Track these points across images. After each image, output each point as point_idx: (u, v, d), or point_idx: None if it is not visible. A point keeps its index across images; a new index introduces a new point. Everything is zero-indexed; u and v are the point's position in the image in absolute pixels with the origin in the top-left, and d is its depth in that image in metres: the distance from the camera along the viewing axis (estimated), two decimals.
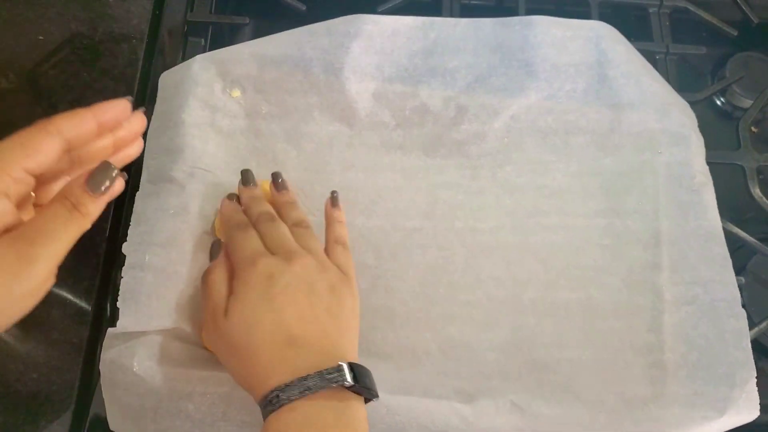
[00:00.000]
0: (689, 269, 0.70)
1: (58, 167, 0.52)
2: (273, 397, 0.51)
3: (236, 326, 0.55)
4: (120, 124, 0.54)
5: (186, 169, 0.70)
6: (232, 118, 0.75)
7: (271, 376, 0.53)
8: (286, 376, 0.52)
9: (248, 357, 0.54)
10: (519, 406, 0.63)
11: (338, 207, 0.69)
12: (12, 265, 0.45)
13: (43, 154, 0.48)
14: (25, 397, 0.62)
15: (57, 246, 0.47)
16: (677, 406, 0.64)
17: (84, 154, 0.53)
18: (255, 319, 0.55)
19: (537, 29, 0.78)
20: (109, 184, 0.49)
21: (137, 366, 0.60)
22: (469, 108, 0.77)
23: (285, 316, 0.56)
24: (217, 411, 0.60)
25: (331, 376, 0.52)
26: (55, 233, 0.47)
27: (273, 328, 0.55)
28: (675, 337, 0.67)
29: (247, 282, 0.57)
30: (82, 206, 0.48)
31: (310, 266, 0.60)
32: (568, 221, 0.73)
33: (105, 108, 0.52)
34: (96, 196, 0.49)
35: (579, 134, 0.77)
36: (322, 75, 0.76)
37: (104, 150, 0.54)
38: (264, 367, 0.54)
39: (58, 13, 0.79)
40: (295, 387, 0.51)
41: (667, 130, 0.76)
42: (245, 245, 0.61)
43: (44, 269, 0.46)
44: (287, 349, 0.54)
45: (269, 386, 0.52)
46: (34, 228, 0.47)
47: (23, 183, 0.48)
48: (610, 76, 0.77)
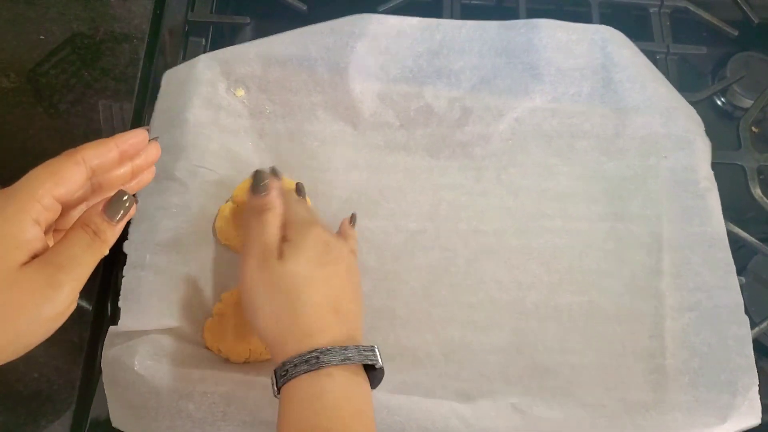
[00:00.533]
0: (692, 275, 0.70)
1: (81, 194, 0.54)
2: (312, 357, 0.53)
3: (291, 272, 0.57)
4: (138, 152, 0.56)
5: (189, 167, 0.70)
6: (236, 118, 0.75)
7: (312, 335, 0.55)
8: (326, 339, 0.55)
9: (293, 307, 0.56)
10: (519, 409, 0.63)
11: (354, 227, 0.70)
12: (42, 291, 0.46)
13: (71, 183, 0.50)
14: (26, 397, 0.62)
15: (81, 271, 0.48)
16: (678, 412, 0.64)
17: (104, 181, 0.55)
18: (311, 274, 0.58)
19: (542, 32, 0.77)
20: (124, 212, 0.51)
21: (138, 365, 0.60)
22: (473, 110, 0.77)
23: (334, 284, 0.59)
24: (218, 410, 0.60)
25: (367, 353, 0.55)
26: (80, 259, 0.48)
27: (324, 290, 0.58)
28: (677, 343, 0.67)
29: (306, 238, 0.60)
30: (101, 233, 0.50)
31: (354, 251, 0.65)
32: (572, 225, 0.73)
33: (126, 138, 0.54)
34: (114, 224, 0.50)
35: (583, 138, 0.77)
36: (327, 75, 0.76)
37: (123, 177, 0.56)
38: (307, 323, 0.56)
39: (60, 13, 0.79)
40: (336, 353, 0.54)
41: (672, 135, 0.76)
42: (298, 210, 0.64)
43: (71, 294, 0.47)
44: (331, 315, 0.57)
45: (309, 345, 0.54)
46: (60, 254, 0.48)
47: (52, 210, 0.49)
48: (616, 80, 0.77)
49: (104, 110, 0.75)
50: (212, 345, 0.65)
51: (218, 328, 0.66)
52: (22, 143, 0.72)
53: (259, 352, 0.65)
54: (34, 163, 0.70)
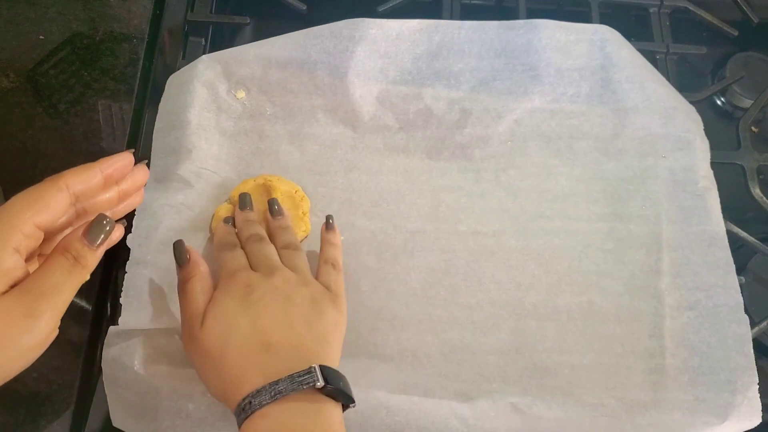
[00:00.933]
0: (692, 274, 0.70)
1: (65, 220, 0.53)
2: (245, 404, 0.52)
3: (211, 333, 0.56)
4: (124, 176, 0.56)
5: (193, 169, 0.70)
6: (237, 120, 0.75)
7: (244, 383, 0.53)
8: (258, 382, 0.53)
9: (222, 365, 0.55)
10: (519, 409, 0.63)
11: (333, 230, 0.69)
12: (20, 321, 0.46)
13: (54, 210, 0.49)
14: (25, 397, 0.62)
15: (61, 299, 0.48)
16: (678, 411, 0.64)
17: (89, 206, 0.54)
18: (230, 324, 0.56)
19: (541, 33, 0.77)
20: (104, 236, 0.50)
21: (138, 364, 0.60)
22: (472, 111, 0.77)
23: (260, 323, 0.56)
24: (217, 410, 0.60)
25: (302, 378, 0.53)
26: (60, 287, 0.48)
27: (247, 334, 0.56)
28: (676, 343, 0.67)
29: (227, 291, 0.59)
30: (81, 258, 0.49)
31: (291, 280, 0.61)
32: (571, 225, 0.73)
33: (111, 162, 0.54)
34: (94, 249, 0.49)
35: (583, 138, 0.77)
36: (327, 78, 0.76)
37: (109, 202, 0.56)
38: (237, 374, 0.54)
39: (59, 13, 0.79)
40: (266, 392, 0.52)
41: (671, 135, 0.76)
42: (231, 263, 0.62)
43: (50, 322, 0.47)
44: (260, 356, 0.55)
45: (242, 393, 0.53)
46: (39, 282, 0.47)
47: (33, 238, 0.49)
48: (615, 80, 0.77)
49: (104, 110, 0.75)
50: None
51: None
52: (21, 143, 0.72)
53: None
54: (34, 163, 0.70)
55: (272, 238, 0.66)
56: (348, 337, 0.64)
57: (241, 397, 0.52)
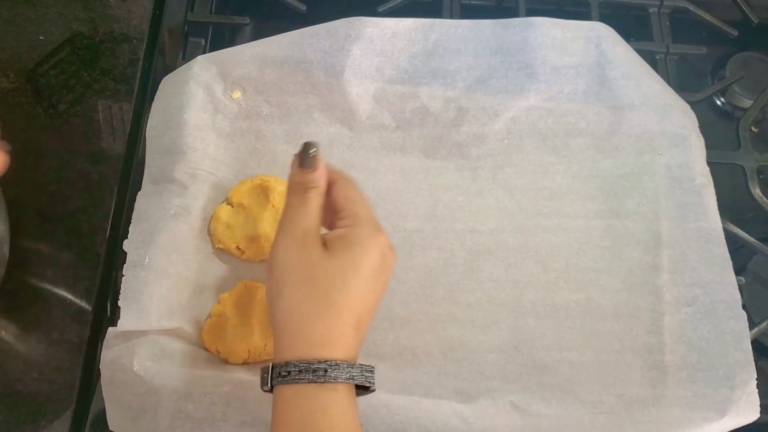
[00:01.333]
0: (689, 271, 0.70)
1: None
2: (320, 369, 0.50)
3: (337, 269, 0.53)
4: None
5: (188, 170, 0.70)
6: (233, 120, 0.75)
7: (326, 345, 0.52)
8: (339, 354, 0.52)
9: (322, 308, 0.52)
10: (519, 407, 0.63)
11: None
12: None
13: None
14: (26, 397, 0.62)
15: None
16: (677, 407, 0.64)
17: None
18: (358, 282, 0.54)
19: (537, 31, 0.77)
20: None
21: (137, 366, 0.60)
22: (469, 110, 0.77)
23: (370, 298, 0.55)
24: (217, 411, 0.60)
25: (369, 375, 0.53)
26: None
27: (359, 302, 0.54)
28: (675, 339, 0.67)
29: (371, 244, 0.55)
30: None
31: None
32: (568, 223, 0.73)
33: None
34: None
35: (579, 136, 0.77)
36: (323, 77, 0.76)
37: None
38: (327, 331, 0.52)
39: (59, 13, 0.79)
40: (343, 370, 0.51)
41: (668, 132, 0.76)
42: (361, 200, 0.59)
43: None
44: (351, 329, 0.53)
45: (320, 354, 0.51)
46: None
47: None
48: (611, 77, 0.77)
49: (104, 110, 0.75)
50: (211, 346, 0.65)
51: (217, 329, 0.66)
52: (22, 144, 0.72)
53: (257, 353, 0.65)
54: (35, 164, 0.71)
55: None
56: None
57: (316, 357, 0.51)
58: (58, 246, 0.68)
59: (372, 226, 0.56)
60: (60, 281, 0.67)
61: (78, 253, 0.68)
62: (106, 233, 0.69)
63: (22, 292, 0.66)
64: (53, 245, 0.68)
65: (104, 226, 0.69)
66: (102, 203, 0.70)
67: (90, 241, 0.68)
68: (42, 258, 0.68)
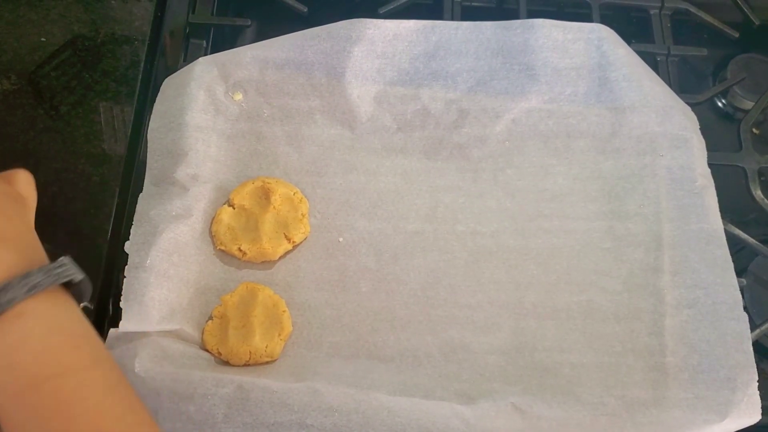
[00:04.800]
0: (690, 272, 0.70)
1: None
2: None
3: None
4: None
5: (190, 172, 0.70)
6: (234, 122, 0.75)
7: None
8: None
9: None
10: (520, 409, 0.63)
11: None
12: None
13: None
14: None
15: None
16: (678, 409, 0.63)
17: None
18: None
19: (538, 32, 0.77)
20: None
21: (138, 367, 0.60)
22: (470, 111, 0.77)
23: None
24: (218, 413, 0.60)
25: (59, 270, 0.46)
26: None
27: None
28: (676, 341, 0.67)
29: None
30: None
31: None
32: (569, 224, 0.73)
33: None
34: None
35: (580, 138, 0.77)
36: (324, 79, 0.76)
37: None
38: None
39: (61, 15, 0.79)
40: (16, 286, 0.44)
41: (669, 133, 0.76)
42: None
43: None
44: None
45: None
46: None
47: None
48: (612, 78, 0.77)
49: (105, 112, 0.75)
50: (212, 348, 0.65)
51: (218, 330, 0.66)
52: (23, 145, 0.72)
53: (259, 355, 0.65)
54: (36, 165, 0.71)
55: None
56: (348, 338, 0.64)
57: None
58: (60, 247, 0.67)
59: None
60: None
61: (79, 254, 0.67)
62: (107, 235, 0.69)
63: None
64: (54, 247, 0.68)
65: (105, 227, 0.69)
66: (103, 205, 0.70)
67: (91, 243, 0.68)
68: None
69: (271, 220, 0.70)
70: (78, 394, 0.44)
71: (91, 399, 0.45)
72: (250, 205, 0.71)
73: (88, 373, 0.46)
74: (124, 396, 0.47)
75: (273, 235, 0.70)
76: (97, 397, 0.45)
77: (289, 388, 0.60)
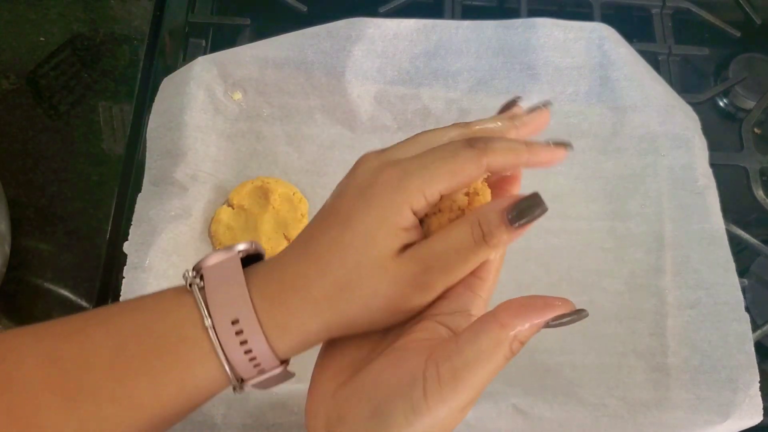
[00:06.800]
0: (692, 272, 0.70)
1: None
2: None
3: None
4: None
5: (189, 171, 0.70)
6: (234, 121, 0.75)
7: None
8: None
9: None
10: (521, 410, 0.62)
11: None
12: (409, 286, 0.40)
13: (467, 181, 0.42)
14: None
15: (455, 275, 0.41)
16: (680, 410, 0.63)
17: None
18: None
19: (539, 31, 0.77)
20: (529, 219, 0.42)
21: None
22: (471, 111, 0.77)
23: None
24: (218, 414, 0.59)
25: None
26: (456, 260, 0.41)
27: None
28: (678, 341, 0.67)
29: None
30: (491, 237, 0.41)
31: None
32: (571, 225, 0.73)
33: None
34: (513, 229, 0.42)
35: (581, 137, 0.77)
36: (324, 78, 0.76)
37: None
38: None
39: (60, 14, 0.79)
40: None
41: (670, 133, 0.75)
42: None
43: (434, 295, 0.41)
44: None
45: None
46: (433, 249, 0.41)
47: (433, 203, 0.42)
48: (613, 78, 0.77)
49: (104, 112, 0.75)
50: None
51: None
52: (22, 145, 0.72)
53: None
54: (35, 165, 0.70)
55: None
56: None
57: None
58: (59, 247, 0.68)
59: None
60: (60, 283, 0.67)
61: (78, 254, 0.68)
62: (106, 235, 0.69)
63: (22, 294, 0.66)
64: (53, 247, 0.68)
65: (104, 227, 0.69)
66: (102, 204, 0.70)
67: (90, 243, 0.68)
68: (42, 259, 0.67)
69: (271, 220, 0.70)
70: None
71: None
72: (250, 205, 0.71)
73: None
74: None
75: (272, 235, 0.70)
76: None
77: (289, 390, 0.60)
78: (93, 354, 0.40)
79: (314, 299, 0.40)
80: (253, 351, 0.40)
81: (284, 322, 0.40)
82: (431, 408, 0.37)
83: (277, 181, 0.72)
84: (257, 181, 0.71)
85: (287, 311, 0.40)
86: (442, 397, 0.37)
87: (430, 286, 0.41)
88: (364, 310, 0.41)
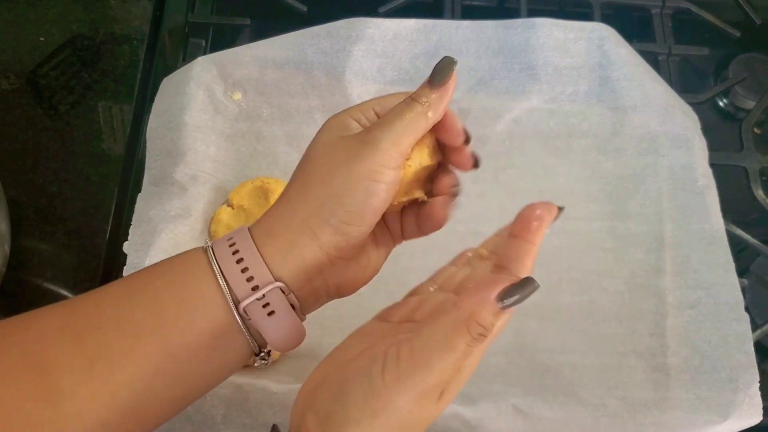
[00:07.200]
0: (692, 272, 0.70)
1: None
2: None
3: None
4: None
5: (189, 172, 0.69)
6: (234, 121, 0.75)
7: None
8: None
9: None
10: (521, 410, 0.62)
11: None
12: (356, 149, 0.45)
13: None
14: None
15: (403, 129, 0.46)
16: (680, 410, 0.63)
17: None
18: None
19: (539, 32, 0.77)
20: (448, 75, 0.49)
21: None
22: (471, 111, 0.77)
23: None
24: (217, 413, 0.59)
25: None
26: (403, 120, 0.47)
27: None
28: (678, 341, 0.67)
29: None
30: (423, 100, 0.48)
31: None
32: (571, 225, 0.73)
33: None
34: (438, 88, 0.49)
35: (581, 137, 0.77)
36: (324, 78, 0.76)
37: None
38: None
39: (60, 15, 0.79)
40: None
41: (670, 133, 0.75)
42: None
43: (390, 149, 0.45)
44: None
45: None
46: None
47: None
48: (613, 78, 0.77)
49: (104, 112, 0.75)
50: None
51: None
52: (22, 145, 0.72)
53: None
54: (35, 165, 0.70)
55: None
56: None
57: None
58: (59, 247, 0.68)
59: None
60: (60, 282, 0.67)
61: (78, 254, 0.68)
62: (106, 235, 0.69)
63: (22, 294, 0.66)
64: (53, 246, 0.68)
65: (104, 227, 0.69)
66: (102, 205, 0.70)
67: (90, 243, 0.68)
68: (42, 259, 0.67)
69: None
70: None
71: None
72: (249, 205, 0.70)
73: None
74: None
75: None
76: None
77: (289, 390, 0.60)
78: (104, 297, 0.44)
79: (301, 218, 0.44)
80: (244, 260, 0.43)
81: (277, 244, 0.44)
82: (387, 387, 0.37)
83: (277, 181, 0.71)
84: (257, 181, 0.71)
85: (278, 234, 0.44)
86: (398, 375, 0.37)
87: (377, 138, 0.46)
88: (349, 216, 0.45)
